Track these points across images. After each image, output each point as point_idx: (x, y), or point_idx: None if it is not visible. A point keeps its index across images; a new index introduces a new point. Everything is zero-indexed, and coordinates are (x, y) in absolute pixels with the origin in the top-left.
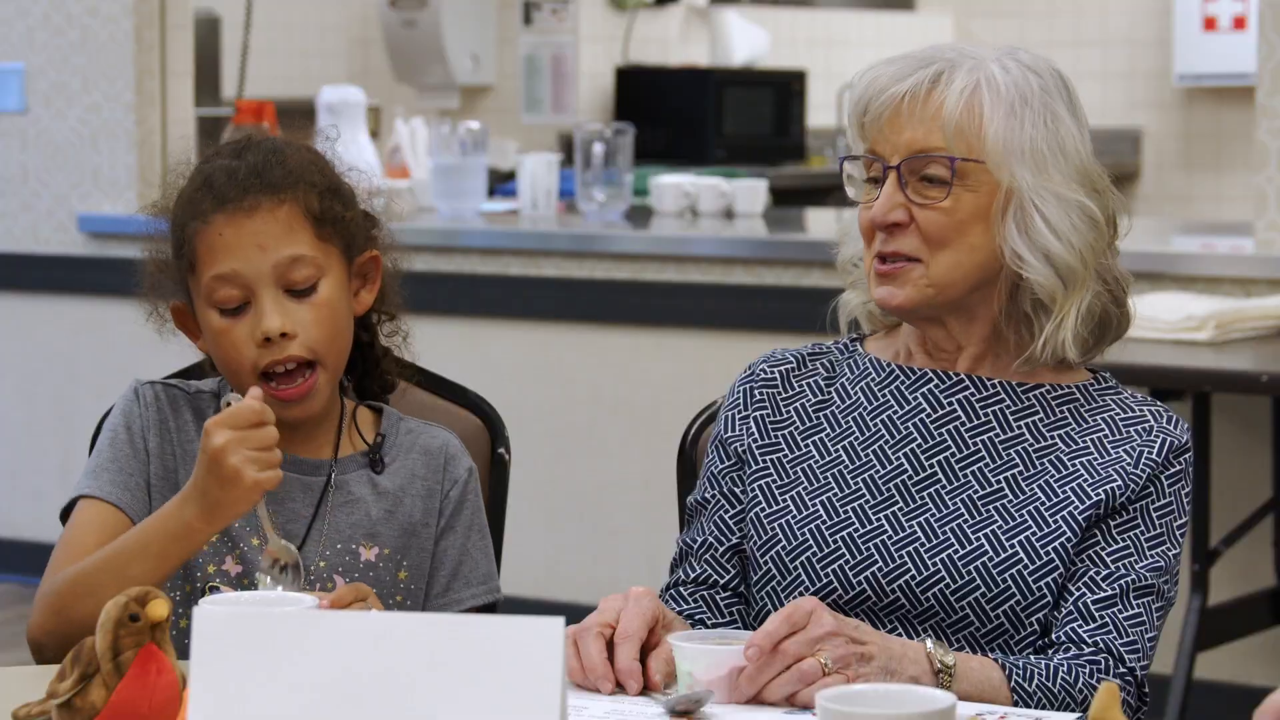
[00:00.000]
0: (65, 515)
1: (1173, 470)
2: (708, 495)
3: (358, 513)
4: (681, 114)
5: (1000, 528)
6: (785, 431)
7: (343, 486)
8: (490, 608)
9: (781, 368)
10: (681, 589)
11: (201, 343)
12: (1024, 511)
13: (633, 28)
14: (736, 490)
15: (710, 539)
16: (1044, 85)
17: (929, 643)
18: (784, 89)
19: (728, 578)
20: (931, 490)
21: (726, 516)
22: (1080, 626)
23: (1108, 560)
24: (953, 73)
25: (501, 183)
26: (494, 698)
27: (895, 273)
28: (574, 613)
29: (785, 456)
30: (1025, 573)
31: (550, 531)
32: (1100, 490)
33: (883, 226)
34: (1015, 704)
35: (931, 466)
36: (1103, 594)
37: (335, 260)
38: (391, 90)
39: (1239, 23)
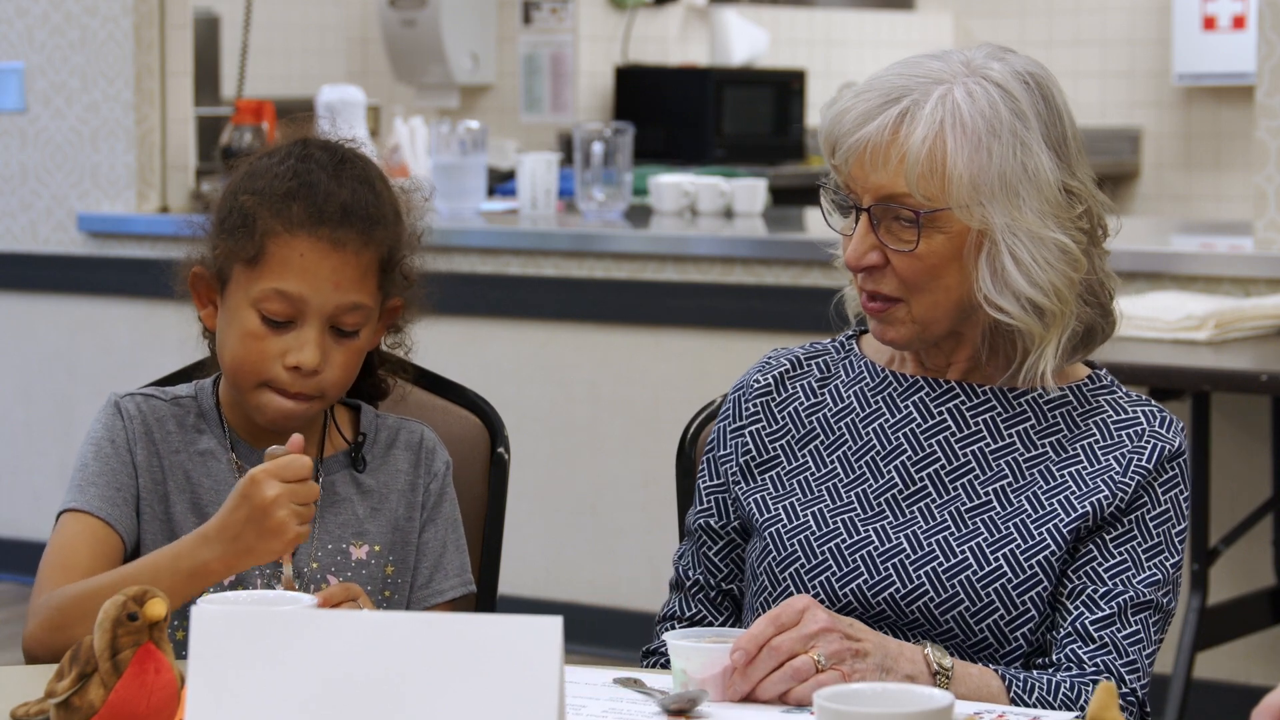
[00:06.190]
0: None
1: (1166, 477)
2: (698, 523)
3: (345, 512)
4: (681, 113)
5: (985, 540)
6: (781, 442)
7: (329, 487)
8: (467, 600)
9: (775, 372)
10: (676, 624)
11: (207, 313)
12: (1010, 524)
13: (632, 27)
14: (715, 525)
15: (700, 578)
16: (1015, 108)
17: (928, 645)
18: (783, 88)
19: (721, 619)
20: (921, 504)
21: (711, 554)
22: (1080, 648)
23: (1105, 577)
24: (917, 111)
25: (501, 182)
26: (492, 697)
27: (882, 312)
28: (573, 612)
29: (783, 470)
30: (1009, 586)
31: (550, 531)
32: (1086, 503)
33: (858, 270)
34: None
35: (921, 479)
36: (1101, 614)
37: (378, 306)
38: (391, 90)
39: (1238, 22)
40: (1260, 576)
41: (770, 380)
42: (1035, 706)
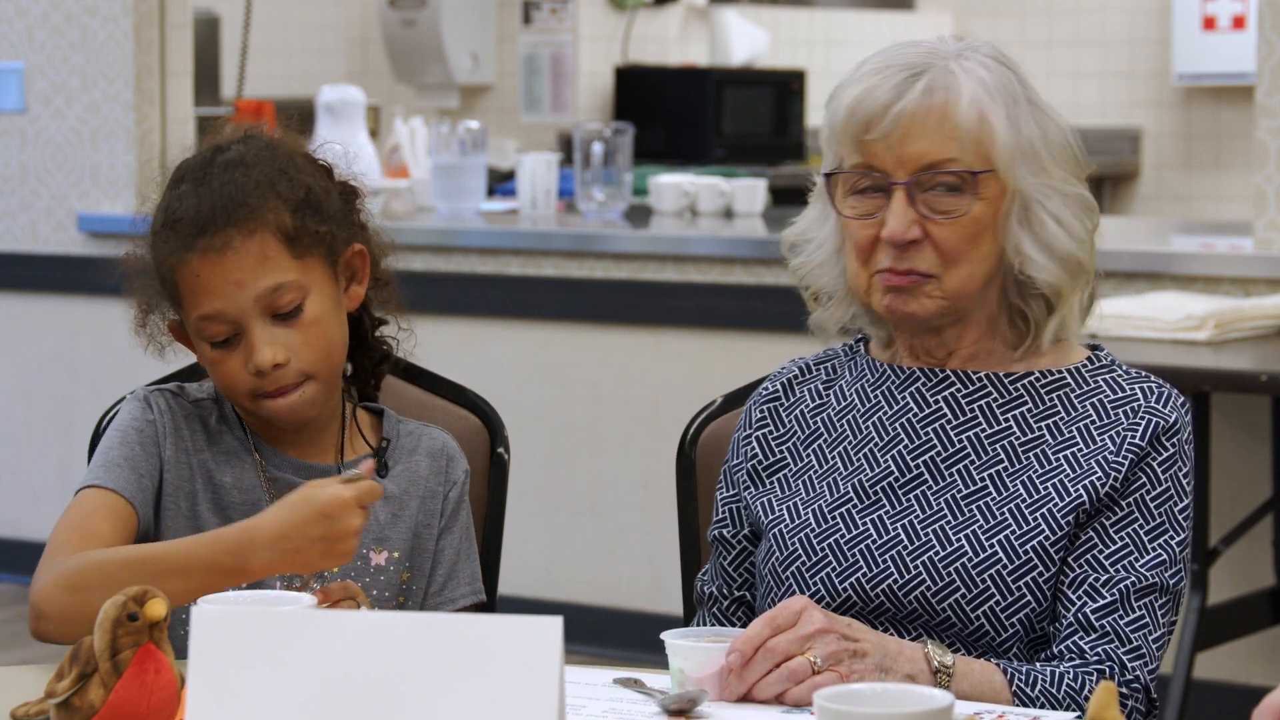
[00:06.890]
0: None
1: (1164, 455)
2: (713, 535)
3: (366, 517)
4: (681, 113)
5: (981, 527)
6: (787, 444)
7: None
8: (476, 609)
9: (784, 379)
10: None
11: (199, 357)
12: (1005, 510)
13: (632, 27)
14: (728, 535)
15: (714, 590)
16: (1020, 79)
17: (929, 643)
18: (783, 88)
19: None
20: (917, 492)
21: (726, 565)
22: (1082, 639)
23: (1106, 564)
24: (949, 79)
25: (501, 182)
26: (492, 697)
27: (908, 286)
28: (573, 612)
29: (789, 472)
30: (1004, 573)
31: (549, 531)
32: (1079, 486)
33: (898, 244)
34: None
35: (918, 467)
36: (1102, 601)
37: (318, 271)
38: (391, 90)
39: (1238, 22)
40: (1260, 576)
41: (779, 387)
42: (1038, 699)
